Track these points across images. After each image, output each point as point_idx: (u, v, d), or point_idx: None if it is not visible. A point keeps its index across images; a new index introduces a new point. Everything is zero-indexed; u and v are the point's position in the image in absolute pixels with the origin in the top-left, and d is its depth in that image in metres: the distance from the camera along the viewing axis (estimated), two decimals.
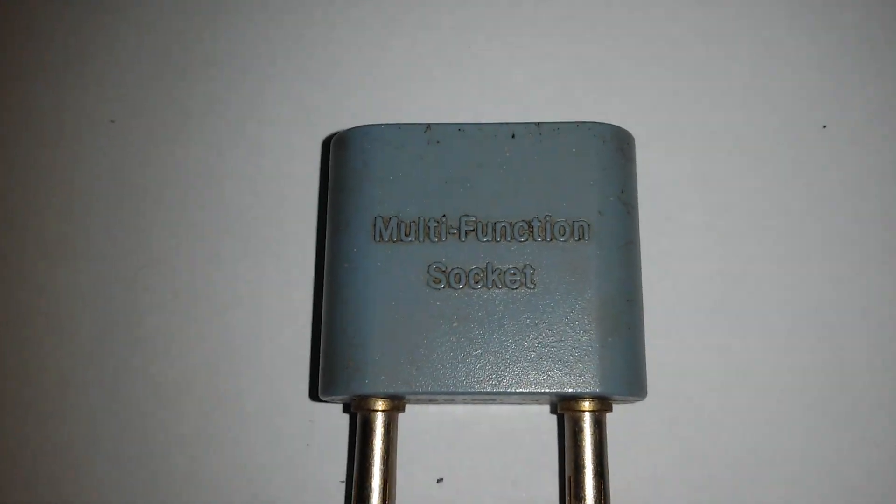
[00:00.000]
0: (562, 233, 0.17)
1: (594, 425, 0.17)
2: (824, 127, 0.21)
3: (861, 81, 0.21)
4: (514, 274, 0.17)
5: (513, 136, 0.18)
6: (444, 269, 0.17)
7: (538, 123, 0.18)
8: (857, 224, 0.20)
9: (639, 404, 0.19)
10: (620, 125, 0.18)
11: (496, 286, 0.17)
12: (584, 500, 0.17)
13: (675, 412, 0.19)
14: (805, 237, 0.20)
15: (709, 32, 0.21)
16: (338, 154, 0.18)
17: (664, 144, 0.21)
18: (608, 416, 0.18)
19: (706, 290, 0.20)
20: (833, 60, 0.21)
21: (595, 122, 0.18)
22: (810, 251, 0.20)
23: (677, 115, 0.21)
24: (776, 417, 0.19)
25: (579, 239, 0.17)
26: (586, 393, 0.17)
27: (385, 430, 0.17)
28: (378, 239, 0.17)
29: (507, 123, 0.18)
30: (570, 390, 0.17)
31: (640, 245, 0.18)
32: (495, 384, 0.17)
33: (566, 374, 0.17)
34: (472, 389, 0.17)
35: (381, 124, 0.18)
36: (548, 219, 0.17)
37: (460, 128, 0.18)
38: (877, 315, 0.19)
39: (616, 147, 0.18)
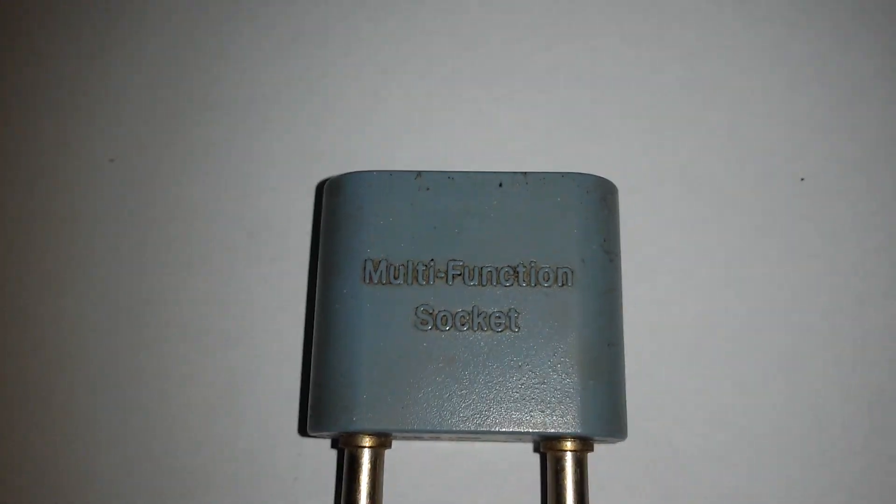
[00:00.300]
0: (546, 279, 0.18)
1: (575, 465, 0.18)
2: (802, 179, 0.21)
3: (837, 137, 0.22)
4: (500, 317, 0.18)
5: (500, 185, 0.19)
6: (431, 311, 0.18)
7: (525, 173, 0.19)
8: (831, 273, 0.21)
9: (619, 445, 0.19)
10: (604, 174, 0.19)
11: (482, 329, 0.18)
12: None
13: (655, 453, 0.20)
14: (781, 286, 0.21)
15: (691, 86, 0.22)
16: (331, 198, 0.19)
17: (646, 194, 0.21)
18: (589, 455, 0.18)
19: (684, 335, 0.20)
20: (811, 117, 0.22)
21: (578, 173, 0.19)
22: (786, 299, 0.20)
23: (660, 165, 0.22)
24: (751, 459, 0.19)
25: (563, 285, 0.18)
26: (568, 434, 0.17)
27: (372, 465, 0.18)
28: (368, 281, 0.18)
29: (495, 172, 0.19)
30: (552, 431, 0.17)
31: (621, 291, 0.19)
32: (479, 423, 0.17)
33: (548, 415, 0.17)
34: (458, 428, 0.17)
35: (374, 171, 0.19)
36: (532, 265, 0.18)
37: (450, 176, 0.19)
38: (848, 360, 0.20)
39: (599, 197, 0.19)
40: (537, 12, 0.23)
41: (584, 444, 0.18)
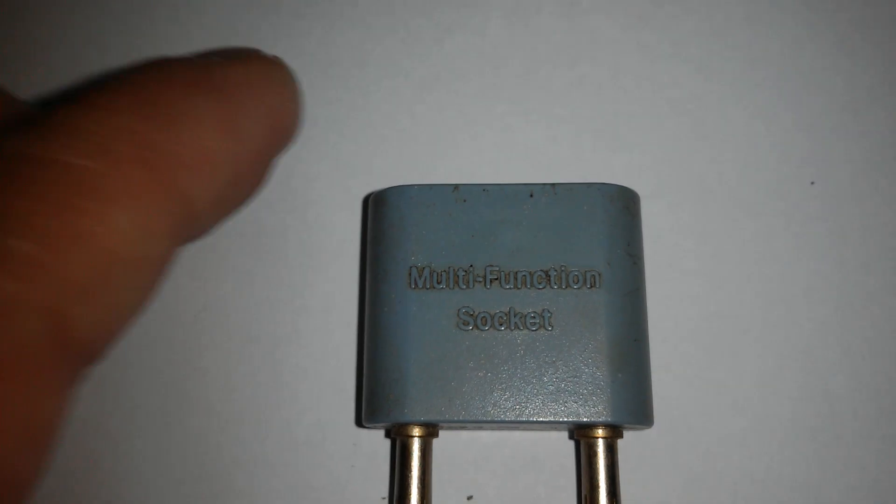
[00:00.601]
0: (575, 281, 0.20)
1: (607, 450, 0.19)
2: (812, 183, 0.23)
3: (846, 142, 0.23)
4: (534, 317, 0.20)
5: (531, 196, 0.20)
6: (471, 312, 0.20)
7: (553, 185, 0.20)
8: (840, 272, 0.22)
9: (647, 432, 0.21)
10: (626, 183, 0.21)
11: (518, 328, 0.20)
12: None
13: (679, 439, 0.21)
14: (794, 283, 0.22)
15: (706, 98, 0.24)
16: (376, 211, 0.21)
17: (666, 200, 0.23)
18: (619, 442, 0.20)
19: (704, 330, 0.22)
20: (821, 123, 0.23)
21: (603, 183, 0.20)
22: (798, 295, 0.22)
23: (678, 173, 0.23)
24: (768, 445, 0.21)
25: (591, 287, 0.20)
26: (599, 422, 0.19)
27: (421, 453, 0.20)
28: (413, 287, 0.20)
29: (526, 184, 0.20)
30: (585, 419, 0.19)
31: (645, 291, 0.20)
32: (519, 414, 0.19)
33: (581, 405, 0.19)
34: (499, 419, 0.19)
35: (415, 185, 0.21)
36: (563, 269, 0.20)
37: (484, 188, 0.20)
38: (857, 352, 0.22)
39: (622, 205, 0.20)
40: (560, 34, 0.24)
41: (615, 432, 0.19)
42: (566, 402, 0.19)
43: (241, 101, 0.16)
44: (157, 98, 0.14)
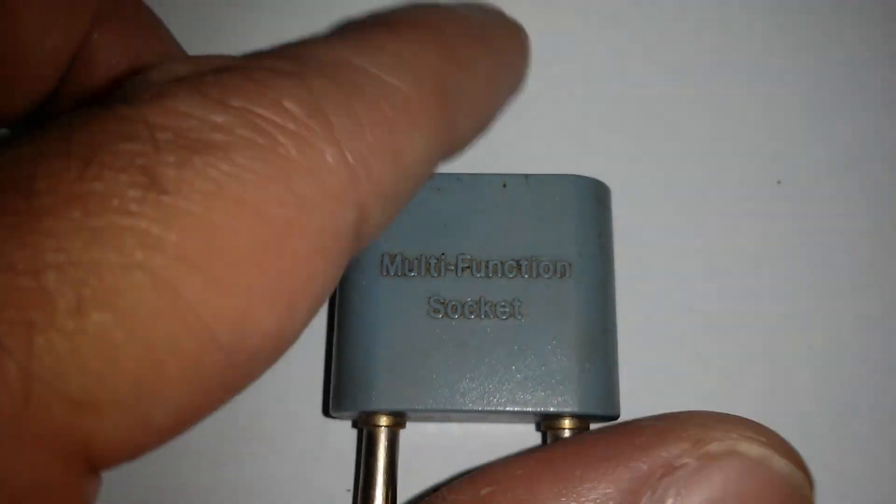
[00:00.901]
0: (546, 271, 0.20)
1: None
2: (779, 183, 0.23)
3: (812, 142, 0.23)
4: (504, 306, 0.20)
5: (504, 186, 0.20)
6: (442, 301, 0.20)
7: (526, 175, 0.20)
8: (805, 270, 0.23)
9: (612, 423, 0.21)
10: (597, 177, 0.21)
11: (488, 317, 0.20)
12: None
13: None
14: (758, 281, 0.22)
15: (675, 98, 0.24)
16: None
17: (635, 197, 0.23)
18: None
19: (671, 325, 0.22)
20: (787, 123, 0.24)
21: (575, 175, 0.21)
22: (763, 293, 0.22)
23: (647, 170, 0.23)
24: None
25: (562, 276, 0.20)
26: (566, 412, 0.19)
27: (388, 444, 0.19)
28: (385, 274, 0.20)
29: (499, 174, 0.21)
30: (553, 409, 0.19)
31: (614, 282, 0.21)
32: (487, 403, 0.19)
33: (549, 395, 0.19)
34: (467, 408, 0.19)
35: None
36: (534, 258, 0.20)
37: (458, 177, 0.20)
38: (822, 348, 0.22)
39: (594, 197, 0.21)
40: (535, 34, 0.24)
41: (581, 422, 0.19)
42: (534, 391, 0.19)
43: (506, 62, 0.18)
44: (453, 41, 0.15)
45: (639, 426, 0.15)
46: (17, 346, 0.09)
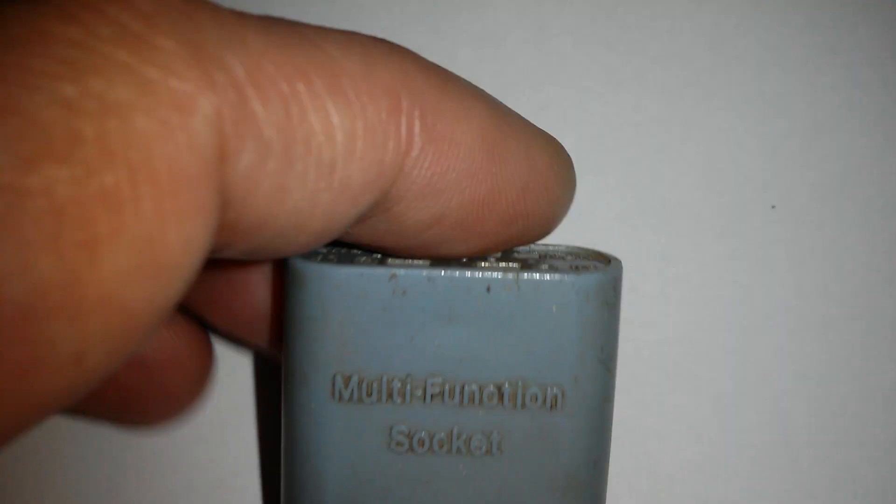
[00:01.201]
0: (534, 400, 0.16)
1: None
2: (773, 207, 0.22)
3: (807, 167, 0.22)
4: (480, 440, 0.16)
5: (488, 290, 0.16)
6: (406, 433, 0.16)
7: (516, 277, 0.16)
8: (800, 296, 0.22)
9: None
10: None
11: (460, 453, 0.16)
12: None
13: (637, 465, 0.21)
14: (752, 307, 0.22)
15: (668, 122, 0.22)
16: (294, 290, 0.17)
17: (628, 222, 0.22)
18: None
19: (663, 354, 0.22)
20: (782, 147, 0.22)
21: (577, 276, 0.16)
22: (757, 320, 0.22)
23: (640, 195, 0.22)
24: (725, 470, 0.21)
25: (551, 408, 0.16)
26: None
27: None
28: (338, 399, 0.16)
29: (482, 276, 0.16)
30: None
31: (614, 400, 0.17)
32: None
33: None
34: None
35: (341, 267, 0.16)
36: (519, 383, 0.16)
37: (430, 278, 0.16)
38: (816, 376, 0.22)
39: (600, 301, 0.16)
40: (527, 58, 0.22)
41: None
42: None
43: None
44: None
45: None
46: None
